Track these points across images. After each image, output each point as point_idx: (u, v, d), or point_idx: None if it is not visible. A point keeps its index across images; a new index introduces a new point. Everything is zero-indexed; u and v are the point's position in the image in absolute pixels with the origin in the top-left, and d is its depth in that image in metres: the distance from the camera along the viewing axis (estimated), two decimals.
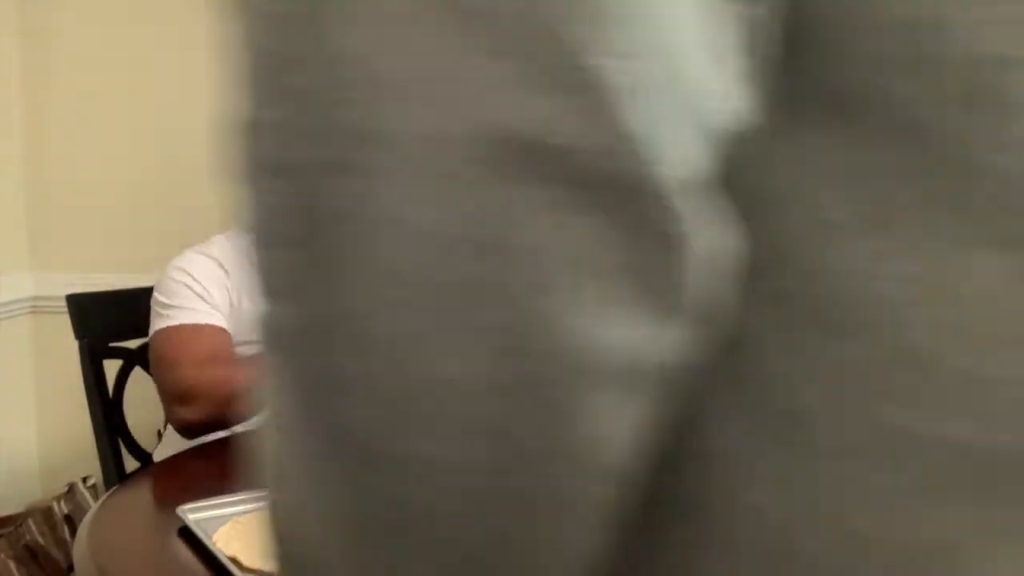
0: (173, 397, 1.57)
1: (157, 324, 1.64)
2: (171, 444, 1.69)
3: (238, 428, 1.52)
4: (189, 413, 1.55)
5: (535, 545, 0.29)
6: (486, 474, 0.28)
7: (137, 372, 1.88)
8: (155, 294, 1.66)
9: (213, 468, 1.48)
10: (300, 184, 0.27)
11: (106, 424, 1.78)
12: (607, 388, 0.27)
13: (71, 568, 2.06)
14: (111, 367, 1.85)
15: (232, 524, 1.10)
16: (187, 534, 1.10)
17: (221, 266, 1.67)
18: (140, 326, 1.88)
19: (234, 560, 1.00)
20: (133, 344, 1.89)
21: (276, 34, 0.27)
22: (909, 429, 0.30)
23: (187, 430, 1.57)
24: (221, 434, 1.55)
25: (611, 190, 0.26)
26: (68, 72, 2.55)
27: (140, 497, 1.33)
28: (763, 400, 0.31)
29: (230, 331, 1.65)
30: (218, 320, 1.64)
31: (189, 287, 1.64)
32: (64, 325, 1.83)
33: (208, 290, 1.64)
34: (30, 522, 2.31)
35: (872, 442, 0.30)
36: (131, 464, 1.82)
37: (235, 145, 0.28)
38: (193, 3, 2.53)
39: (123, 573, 0.76)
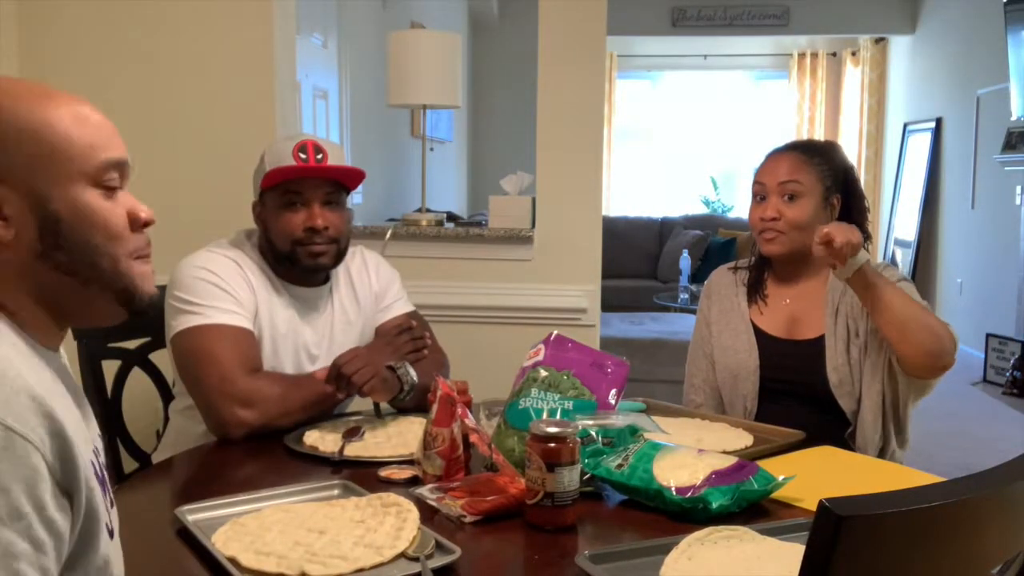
0: (232, 398, 1.52)
1: (188, 321, 1.57)
2: (169, 445, 1.69)
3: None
4: (251, 416, 1.52)
5: None
6: None
7: (135, 373, 1.88)
8: (175, 291, 1.60)
9: (211, 469, 1.48)
10: None
11: (104, 425, 1.78)
12: None
13: None
14: (109, 368, 1.85)
15: (231, 525, 1.11)
16: (186, 535, 1.10)
17: (240, 267, 1.66)
18: (139, 327, 1.88)
19: (233, 560, 1.01)
20: (131, 345, 1.89)
21: None
22: None
23: (230, 431, 1.53)
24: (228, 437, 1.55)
25: None
26: (67, 64, 2.55)
27: (139, 498, 1.33)
28: None
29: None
30: (249, 324, 1.62)
31: (223, 288, 1.60)
32: None
33: (237, 293, 1.62)
34: None
35: None
36: (129, 465, 1.83)
37: None
38: None
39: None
